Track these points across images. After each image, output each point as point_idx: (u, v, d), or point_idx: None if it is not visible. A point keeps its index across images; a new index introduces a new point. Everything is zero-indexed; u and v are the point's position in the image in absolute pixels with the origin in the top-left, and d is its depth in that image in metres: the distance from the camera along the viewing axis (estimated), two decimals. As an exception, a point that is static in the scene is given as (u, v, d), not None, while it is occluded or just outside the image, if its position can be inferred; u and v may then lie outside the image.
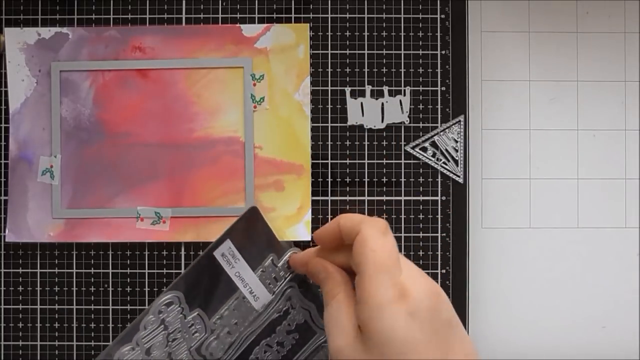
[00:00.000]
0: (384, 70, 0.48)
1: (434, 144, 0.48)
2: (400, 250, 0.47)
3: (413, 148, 0.48)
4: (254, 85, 0.47)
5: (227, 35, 0.47)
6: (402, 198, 0.48)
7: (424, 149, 0.48)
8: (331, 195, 0.48)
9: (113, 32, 0.47)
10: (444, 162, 0.48)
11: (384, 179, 0.48)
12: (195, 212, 0.46)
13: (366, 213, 0.48)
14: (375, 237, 0.35)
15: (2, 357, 0.47)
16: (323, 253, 0.40)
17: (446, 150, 0.48)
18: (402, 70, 0.48)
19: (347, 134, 0.48)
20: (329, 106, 0.48)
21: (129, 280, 0.47)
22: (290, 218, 0.47)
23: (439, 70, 0.48)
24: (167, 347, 0.45)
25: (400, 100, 0.48)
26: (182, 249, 0.47)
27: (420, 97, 0.48)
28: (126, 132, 0.47)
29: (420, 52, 0.48)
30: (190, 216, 0.46)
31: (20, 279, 0.47)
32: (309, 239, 0.47)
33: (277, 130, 0.47)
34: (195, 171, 0.47)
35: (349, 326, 0.35)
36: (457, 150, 0.48)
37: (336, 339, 0.35)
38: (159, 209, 0.46)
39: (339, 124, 0.48)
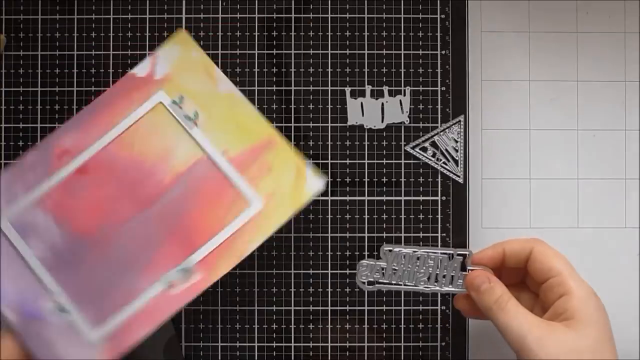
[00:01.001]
0: (384, 70, 0.48)
1: (434, 144, 0.48)
2: (400, 250, 0.48)
3: (413, 148, 0.48)
4: (181, 108, 0.45)
5: (127, 89, 0.45)
6: (402, 198, 0.48)
7: (424, 149, 0.48)
8: (331, 195, 0.48)
9: (31, 156, 0.44)
10: (444, 162, 0.48)
11: (384, 179, 0.48)
12: (214, 244, 0.45)
13: (366, 213, 0.48)
14: (551, 248, 0.42)
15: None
16: None
17: (446, 150, 0.48)
18: (402, 70, 0.48)
19: (347, 134, 0.48)
20: (329, 106, 0.48)
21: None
22: (296, 187, 0.45)
23: (439, 70, 0.48)
24: None
25: (400, 100, 0.48)
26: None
27: (420, 97, 0.48)
28: (104, 226, 0.44)
29: (420, 52, 0.48)
30: (212, 250, 0.44)
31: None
32: (323, 187, 0.44)
33: (227, 127, 0.45)
34: (188, 212, 0.45)
35: (536, 317, 0.39)
36: (457, 150, 0.48)
37: (533, 329, 0.39)
38: (181, 265, 0.44)
39: (339, 124, 0.48)
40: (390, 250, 0.43)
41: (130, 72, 0.45)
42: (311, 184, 0.44)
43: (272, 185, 0.45)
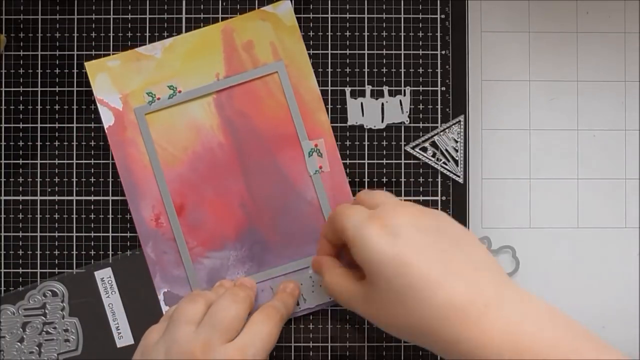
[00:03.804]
0: (384, 70, 0.48)
1: (434, 144, 0.48)
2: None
3: (413, 148, 0.48)
4: (174, 90, 0.47)
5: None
6: (402, 198, 0.48)
7: (424, 149, 0.48)
8: (331, 195, 0.48)
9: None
10: (444, 162, 0.48)
11: (384, 179, 0.48)
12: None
13: (366, 213, 0.48)
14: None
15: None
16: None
17: (446, 150, 0.48)
18: (402, 70, 0.48)
19: (347, 134, 0.48)
20: (329, 106, 0.48)
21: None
22: (278, 25, 0.47)
23: (439, 70, 0.48)
24: (40, 335, 0.46)
25: (400, 100, 0.48)
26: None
27: (420, 97, 0.48)
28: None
29: (420, 52, 0.48)
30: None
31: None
32: (289, 3, 0.47)
33: (193, 62, 0.47)
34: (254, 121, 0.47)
35: (347, 280, 0.39)
36: (457, 150, 0.48)
37: (340, 295, 0.39)
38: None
39: (339, 124, 0.48)
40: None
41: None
42: (282, 10, 0.47)
43: (267, 48, 0.47)
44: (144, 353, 0.40)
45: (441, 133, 0.48)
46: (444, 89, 0.48)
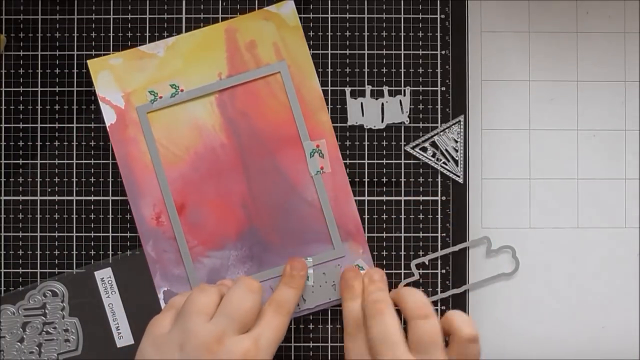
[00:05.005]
0: (384, 70, 0.48)
1: (434, 144, 0.48)
2: (400, 251, 0.48)
3: (413, 148, 0.48)
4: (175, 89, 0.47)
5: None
6: (402, 198, 0.48)
7: (424, 149, 0.48)
8: (331, 195, 0.48)
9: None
10: (444, 162, 0.48)
11: (384, 179, 0.48)
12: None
13: (366, 213, 0.48)
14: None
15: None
16: None
17: (446, 150, 0.48)
18: (402, 70, 0.48)
19: (347, 134, 0.48)
20: (329, 106, 0.48)
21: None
22: (281, 24, 0.47)
23: (439, 70, 0.48)
24: (40, 335, 0.46)
25: (400, 100, 0.48)
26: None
27: (420, 97, 0.48)
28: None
29: (420, 52, 0.48)
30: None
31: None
32: (292, 4, 0.47)
33: (197, 61, 0.47)
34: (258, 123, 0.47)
35: None
36: (457, 150, 0.48)
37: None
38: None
39: (339, 124, 0.48)
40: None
41: None
42: (285, 10, 0.47)
43: (270, 48, 0.47)
44: (155, 342, 0.40)
45: (441, 133, 0.48)
46: (443, 89, 0.48)
